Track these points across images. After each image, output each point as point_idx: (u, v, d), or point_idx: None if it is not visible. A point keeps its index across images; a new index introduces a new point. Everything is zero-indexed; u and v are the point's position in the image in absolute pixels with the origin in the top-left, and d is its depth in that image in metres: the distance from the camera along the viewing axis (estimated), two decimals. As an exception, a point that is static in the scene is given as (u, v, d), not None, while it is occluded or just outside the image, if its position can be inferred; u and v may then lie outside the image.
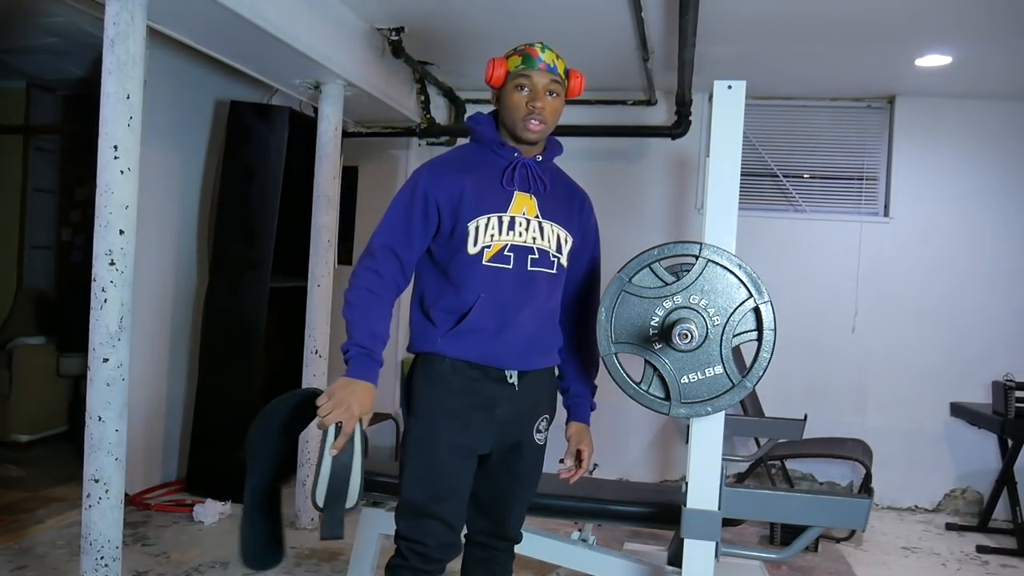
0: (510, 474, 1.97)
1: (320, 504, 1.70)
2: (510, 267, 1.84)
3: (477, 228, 1.82)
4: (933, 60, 3.97)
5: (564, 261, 1.93)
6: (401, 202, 1.86)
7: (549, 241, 1.89)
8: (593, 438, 2.14)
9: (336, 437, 1.69)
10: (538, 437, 1.98)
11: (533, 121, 1.84)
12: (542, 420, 1.99)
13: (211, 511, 3.75)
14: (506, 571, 2.06)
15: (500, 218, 1.84)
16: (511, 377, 1.88)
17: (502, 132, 1.92)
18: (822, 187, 4.85)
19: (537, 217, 1.88)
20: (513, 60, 1.85)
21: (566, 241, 1.93)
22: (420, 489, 1.84)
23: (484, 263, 1.83)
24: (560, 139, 2.04)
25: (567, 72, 1.90)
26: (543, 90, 1.84)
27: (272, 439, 1.83)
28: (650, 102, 4.71)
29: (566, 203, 1.96)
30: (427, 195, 1.84)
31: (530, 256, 1.86)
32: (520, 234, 1.85)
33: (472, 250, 1.82)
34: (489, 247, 1.83)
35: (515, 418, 1.92)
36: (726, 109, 1.96)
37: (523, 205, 1.86)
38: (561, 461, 2.07)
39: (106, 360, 2.43)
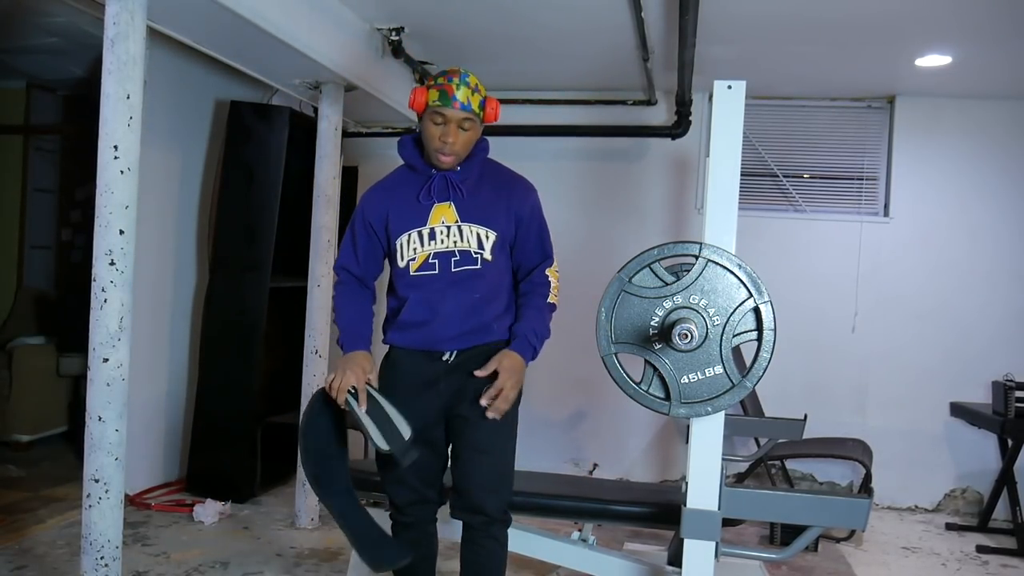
0: (464, 442, 2.11)
1: (386, 447, 1.95)
2: (436, 272, 2.08)
3: (401, 244, 2.09)
4: (933, 60, 3.97)
5: (488, 255, 2.09)
6: (349, 227, 2.20)
7: (469, 242, 2.08)
8: (593, 438, 2.17)
9: (357, 400, 1.98)
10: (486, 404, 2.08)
11: (443, 155, 2.05)
12: (489, 389, 2.05)
13: (211, 511, 3.75)
14: (488, 551, 2.13)
15: (420, 232, 2.08)
16: (447, 355, 2.10)
17: (425, 151, 2.11)
18: (822, 187, 4.85)
19: (457, 222, 2.08)
20: (432, 93, 2.03)
21: (487, 237, 2.09)
22: (382, 458, 2.10)
23: (412, 274, 2.09)
24: (560, 139, 2.11)
25: (483, 103, 2.07)
26: (456, 126, 2.03)
27: (324, 454, 2.09)
28: (650, 102, 4.71)
29: (490, 201, 2.12)
30: (364, 218, 2.15)
31: (453, 259, 2.08)
32: (442, 241, 2.08)
33: (401, 264, 2.10)
34: (414, 259, 2.09)
35: (457, 389, 2.09)
36: (726, 109, 1.96)
37: (442, 215, 2.08)
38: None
39: (106, 360, 2.42)
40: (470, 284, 2.08)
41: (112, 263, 2.41)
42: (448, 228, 2.08)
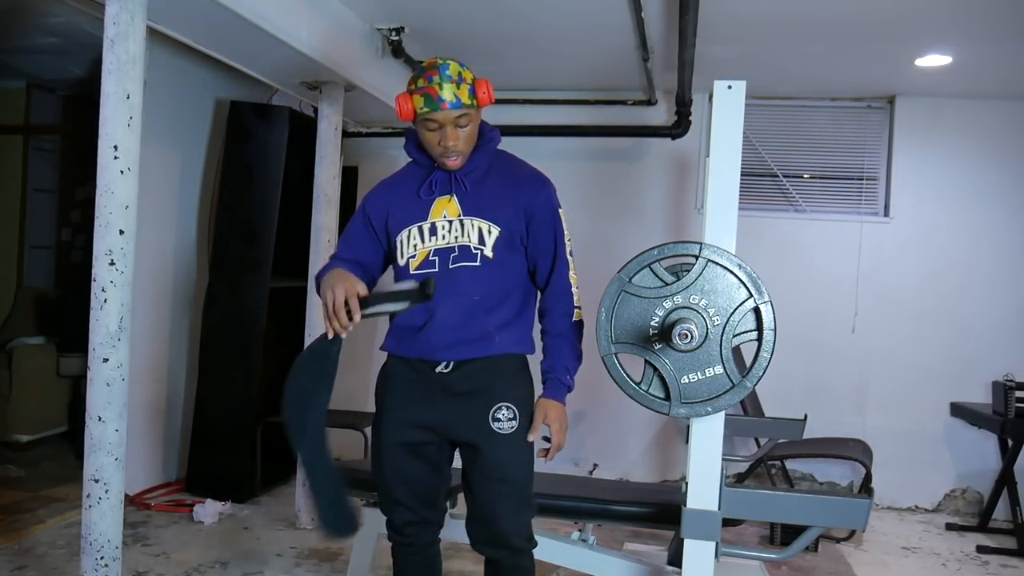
0: (477, 472, 1.95)
1: (406, 304, 1.82)
2: (436, 270, 1.94)
3: (402, 241, 1.97)
4: (933, 60, 3.97)
5: (489, 252, 1.94)
6: (350, 220, 2.09)
7: (469, 236, 1.94)
8: (593, 438, 2.14)
9: (352, 315, 1.77)
10: (497, 426, 1.93)
11: (450, 158, 1.92)
12: (499, 409, 1.93)
13: (211, 511, 3.75)
14: None
15: (421, 227, 1.96)
16: (441, 366, 1.94)
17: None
18: (822, 187, 4.85)
19: (459, 216, 1.94)
20: (417, 100, 1.86)
21: (489, 233, 1.94)
22: (377, 476, 2.02)
23: (412, 271, 1.96)
24: (560, 139, 2.07)
25: (472, 91, 1.88)
26: (452, 126, 1.88)
27: (307, 402, 1.89)
28: (650, 102, 4.71)
29: (496, 194, 1.97)
30: (365, 213, 2.05)
31: (451, 255, 1.94)
32: (443, 237, 1.94)
33: (401, 262, 1.98)
34: (414, 256, 1.96)
35: (461, 410, 1.95)
36: (726, 109, 1.96)
37: (443, 209, 1.95)
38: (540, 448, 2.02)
39: (106, 360, 2.42)
40: (468, 283, 1.93)
41: (112, 263, 2.41)
42: (450, 223, 1.95)
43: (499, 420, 1.93)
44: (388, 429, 1.99)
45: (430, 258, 1.95)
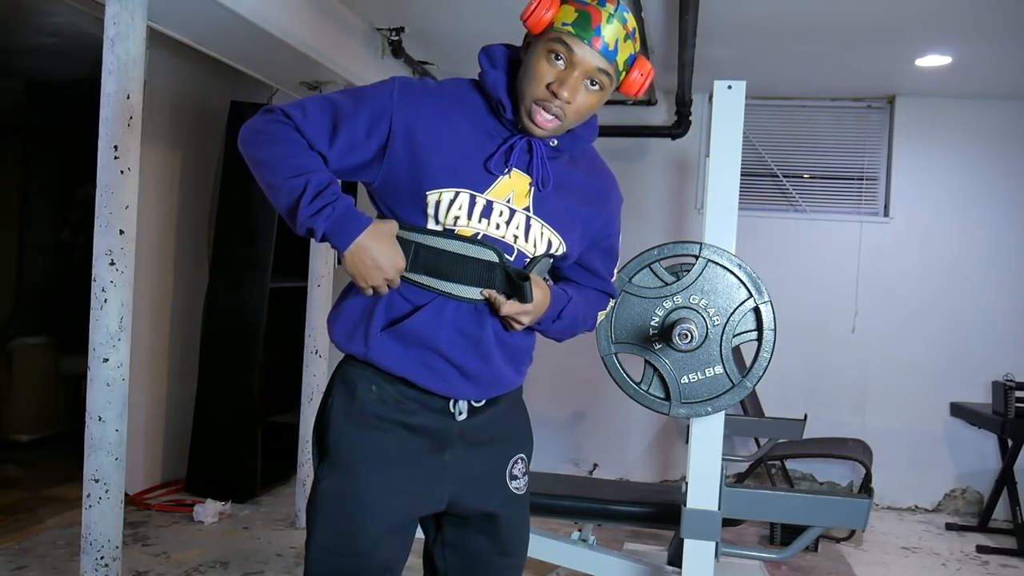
0: (489, 545, 1.48)
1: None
2: None
3: (441, 200, 1.36)
4: (933, 60, 3.97)
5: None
6: (348, 109, 1.45)
7: (535, 245, 1.41)
8: (593, 438, 2.12)
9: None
10: (514, 485, 1.49)
11: (544, 116, 1.31)
12: (516, 462, 1.50)
13: (211, 511, 3.75)
14: None
15: (474, 198, 1.35)
16: (457, 408, 1.42)
17: (515, 95, 1.36)
18: (822, 187, 4.85)
19: (527, 211, 1.39)
20: (566, 11, 1.30)
21: (557, 248, 1.43)
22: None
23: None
24: None
25: (632, 60, 1.35)
26: (582, 76, 1.30)
27: None
28: (650, 102, 4.71)
29: (577, 201, 1.45)
30: (390, 125, 1.37)
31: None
32: (497, 227, 1.37)
33: (431, 224, 1.40)
34: (454, 230, 1.38)
35: (474, 468, 1.45)
36: (726, 109, 1.96)
37: (510, 190, 1.37)
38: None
39: (106, 360, 2.42)
40: None
41: (112, 263, 2.41)
42: (512, 212, 1.37)
43: (516, 478, 1.50)
44: (379, 507, 1.37)
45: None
